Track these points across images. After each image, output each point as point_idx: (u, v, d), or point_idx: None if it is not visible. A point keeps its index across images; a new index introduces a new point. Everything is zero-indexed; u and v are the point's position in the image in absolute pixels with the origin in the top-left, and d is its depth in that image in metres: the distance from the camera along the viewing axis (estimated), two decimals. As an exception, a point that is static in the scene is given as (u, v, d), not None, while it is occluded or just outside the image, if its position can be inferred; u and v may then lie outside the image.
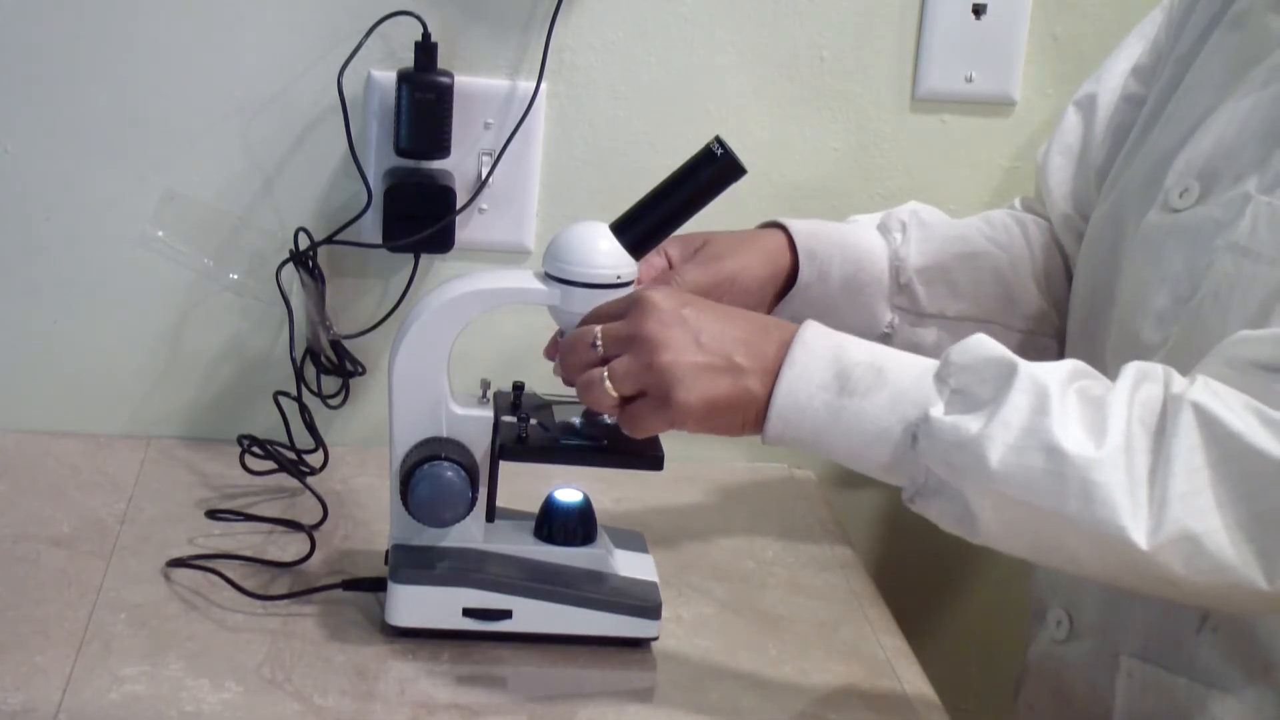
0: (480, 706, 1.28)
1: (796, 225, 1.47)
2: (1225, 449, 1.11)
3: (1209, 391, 1.14)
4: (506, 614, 1.35)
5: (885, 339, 1.48)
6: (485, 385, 1.38)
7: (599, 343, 1.23)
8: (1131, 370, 1.17)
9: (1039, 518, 1.14)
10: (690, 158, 1.32)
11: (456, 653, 1.34)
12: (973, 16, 1.70)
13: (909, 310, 1.49)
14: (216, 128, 1.63)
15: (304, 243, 1.62)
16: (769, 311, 1.46)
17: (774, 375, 1.20)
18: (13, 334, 1.65)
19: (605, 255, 1.31)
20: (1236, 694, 1.26)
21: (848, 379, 1.19)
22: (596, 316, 1.26)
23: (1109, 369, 1.31)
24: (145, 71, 1.61)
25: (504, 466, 1.36)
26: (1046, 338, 1.51)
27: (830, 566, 1.57)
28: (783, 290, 1.46)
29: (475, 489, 1.33)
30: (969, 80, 1.72)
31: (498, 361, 1.64)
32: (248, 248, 1.65)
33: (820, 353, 1.20)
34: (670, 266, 1.42)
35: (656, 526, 1.57)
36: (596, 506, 1.41)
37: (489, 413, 1.36)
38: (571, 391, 1.29)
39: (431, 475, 1.32)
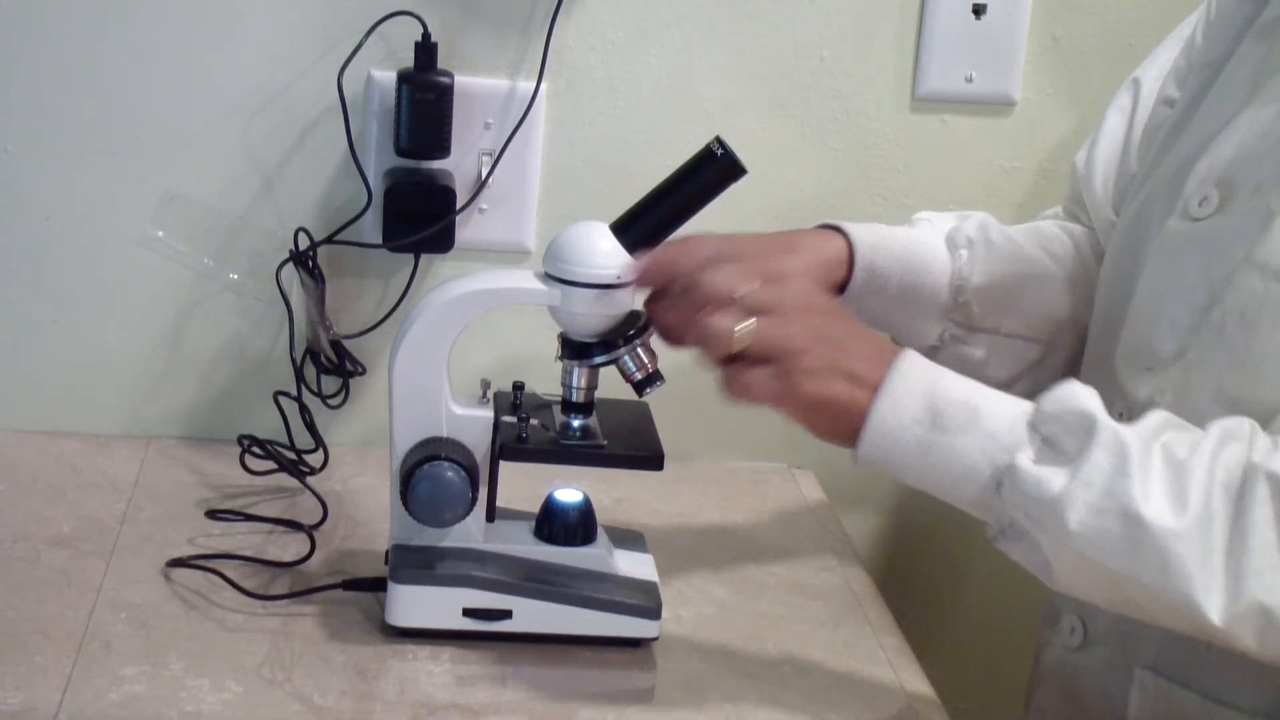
0: (480, 706, 1.28)
1: (860, 235, 1.44)
2: None
3: None
4: (506, 614, 1.35)
5: (933, 351, 1.47)
6: (485, 385, 1.38)
7: (740, 294, 1.22)
8: (1217, 429, 1.16)
9: (1114, 579, 1.15)
10: (690, 158, 1.32)
11: (456, 653, 1.34)
12: (973, 16, 1.70)
13: (961, 325, 1.47)
14: (216, 128, 1.63)
15: (304, 243, 1.62)
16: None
17: (876, 390, 1.21)
18: (13, 334, 1.65)
19: (605, 255, 1.31)
20: (1249, 712, 1.25)
21: (941, 415, 1.19)
22: (737, 255, 1.25)
23: (1118, 376, 1.31)
24: (145, 71, 1.61)
25: (504, 466, 1.36)
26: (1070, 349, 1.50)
27: (830, 566, 1.57)
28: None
29: (475, 489, 1.33)
30: (969, 80, 1.72)
31: (498, 361, 1.64)
32: (248, 248, 1.65)
33: (916, 385, 1.20)
34: None
35: (656, 526, 1.57)
36: (596, 506, 1.41)
37: (489, 413, 1.36)
38: (564, 392, 1.30)
39: (431, 475, 1.32)
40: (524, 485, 1.43)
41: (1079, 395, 1.19)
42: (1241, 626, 1.12)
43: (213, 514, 1.52)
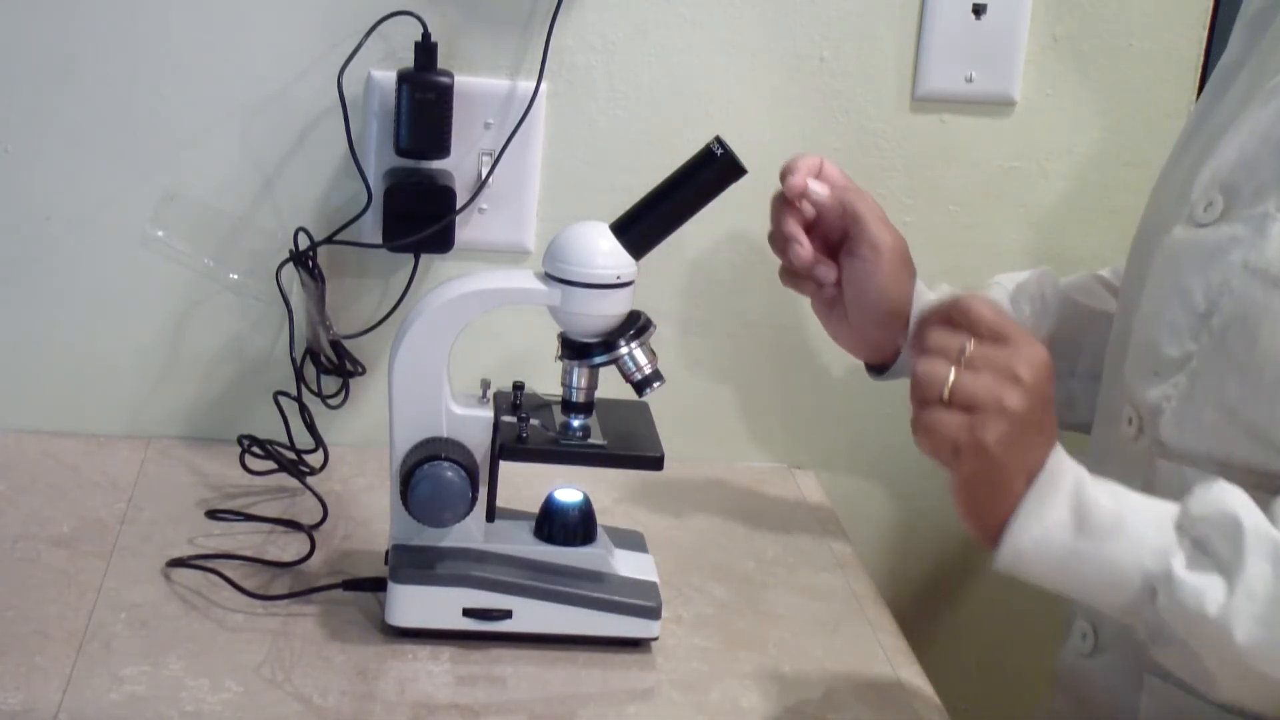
0: (480, 706, 1.28)
1: (929, 299, 1.45)
2: None
3: None
4: (506, 614, 1.35)
5: None
6: (485, 385, 1.38)
7: (968, 350, 1.18)
8: None
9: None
10: (690, 158, 1.32)
11: (456, 653, 1.34)
12: (973, 16, 1.70)
13: None
14: (216, 128, 1.63)
15: (304, 243, 1.62)
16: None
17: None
18: (13, 334, 1.65)
19: (605, 256, 1.31)
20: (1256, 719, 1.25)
21: (1086, 521, 1.17)
22: (979, 324, 1.19)
23: (1128, 382, 1.30)
24: (145, 71, 1.61)
25: (504, 466, 1.36)
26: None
27: (830, 566, 1.57)
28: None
29: (475, 489, 1.33)
30: (969, 80, 1.72)
31: (498, 361, 1.64)
32: (248, 248, 1.65)
33: (1063, 490, 1.17)
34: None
35: (656, 526, 1.57)
36: (596, 506, 1.41)
37: (489, 413, 1.36)
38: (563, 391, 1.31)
39: (431, 475, 1.32)
40: (524, 485, 1.43)
41: (1227, 497, 1.17)
42: None
43: (213, 514, 1.52)
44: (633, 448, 1.38)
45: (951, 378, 1.16)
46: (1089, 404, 1.48)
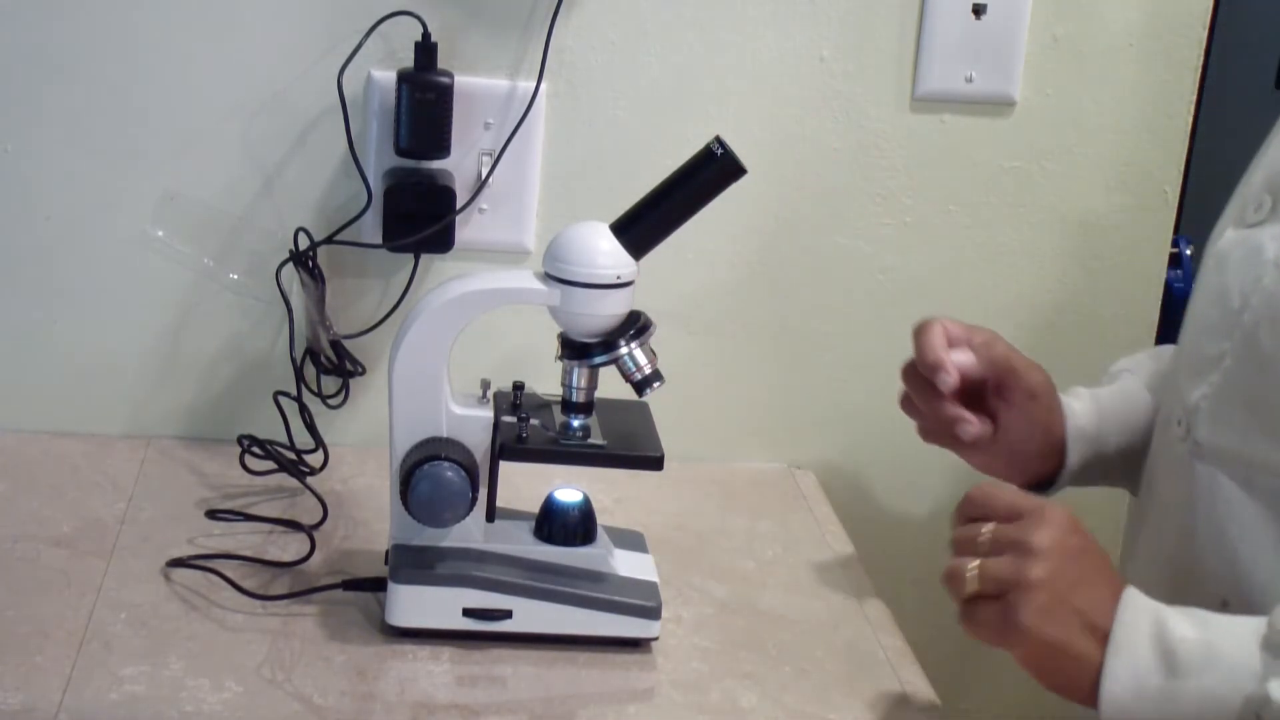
0: (480, 706, 1.28)
1: (1080, 423, 1.43)
2: None
3: None
4: (506, 614, 1.35)
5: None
6: (485, 385, 1.38)
7: (985, 536, 1.20)
8: None
9: None
10: (690, 158, 1.32)
11: (456, 653, 1.34)
12: (973, 16, 1.70)
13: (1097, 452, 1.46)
14: (216, 128, 1.63)
15: (304, 243, 1.62)
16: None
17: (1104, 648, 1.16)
18: (13, 334, 1.65)
19: (605, 255, 1.31)
20: None
21: (1174, 658, 1.15)
22: (994, 509, 1.21)
23: (1180, 383, 1.29)
24: (145, 71, 1.61)
25: (504, 466, 1.36)
26: None
27: (830, 566, 1.57)
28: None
29: (475, 489, 1.33)
30: (969, 80, 1.72)
31: (498, 361, 1.64)
32: (248, 248, 1.65)
33: (1143, 633, 1.16)
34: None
35: (656, 526, 1.57)
36: (596, 506, 1.41)
37: (489, 413, 1.36)
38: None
39: (431, 475, 1.32)
40: (524, 485, 1.43)
41: None
42: None
43: (213, 514, 1.52)
44: (633, 448, 1.38)
45: (973, 567, 1.17)
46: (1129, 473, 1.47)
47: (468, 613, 1.35)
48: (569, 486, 1.40)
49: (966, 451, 1.44)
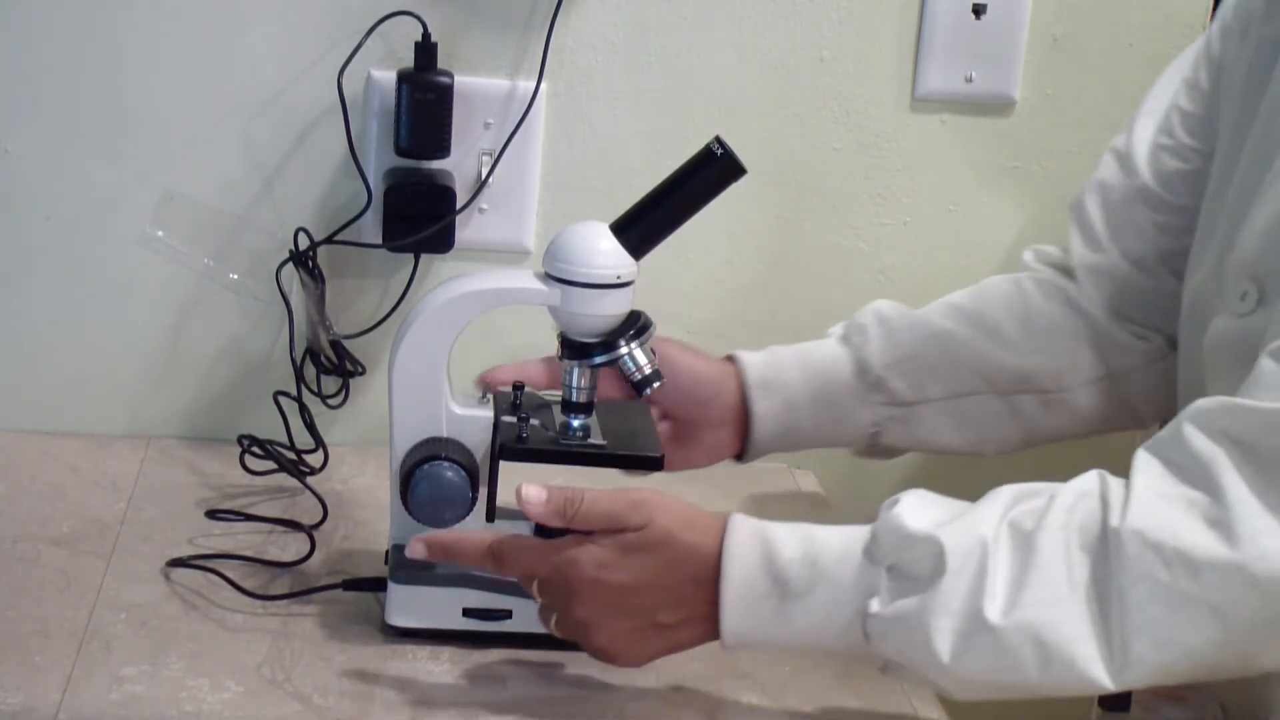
0: (480, 706, 1.28)
1: (749, 360, 1.47)
2: (1177, 572, 1.09)
3: (1146, 512, 1.10)
4: (506, 614, 1.35)
5: (875, 436, 1.50)
6: (485, 385, 1.38)
7: (537, 595, 1.27)
8: (1068, 494, 1.15)
9: (1006, 688, 1.15)
10: (690, 158, 1.32)
11: (456, 653, 1.34)
12: (973, 16, 1.70)
13: (891, 404, 1.49)
14: (216, 128, 1.63)
15: (304, 243, 1.62)
16: (745, 435, 1.49)
17: (712, 606, 1.22)
18: (13, 334, 1.65)
19: (605, 255, 1.31)
20: None
21: (785, 582, 1.20)
22: (526, 570, 1.27)
23: None
24: (145, 71, 1.61)
25: (504, 466, 1.36)
26: (1049, 391, 1.49)
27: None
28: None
29: (475, 489, 1.33)
30: (969, 80, 1.72)
31: (498, 361, 1.64)
32: (248, 248, 1.65)
33: (752, 561, 1.22)
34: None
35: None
36: (596, 506, 1.41)
37: (489, 413, 1.36)
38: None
39: (431, 475, 1.32)
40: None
41: (911, 515, 1.18)
42: (1141, 680, 1.11)
43: (213, 514, 1.52)
44: (633, 448, 1.38)
45: (554, 626, 1.26)
46: (962, 427, 1.49)
47: (468, 613, 1.34)
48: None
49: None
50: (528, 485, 1.26)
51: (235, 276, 1.66)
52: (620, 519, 1.25)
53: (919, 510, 1.19)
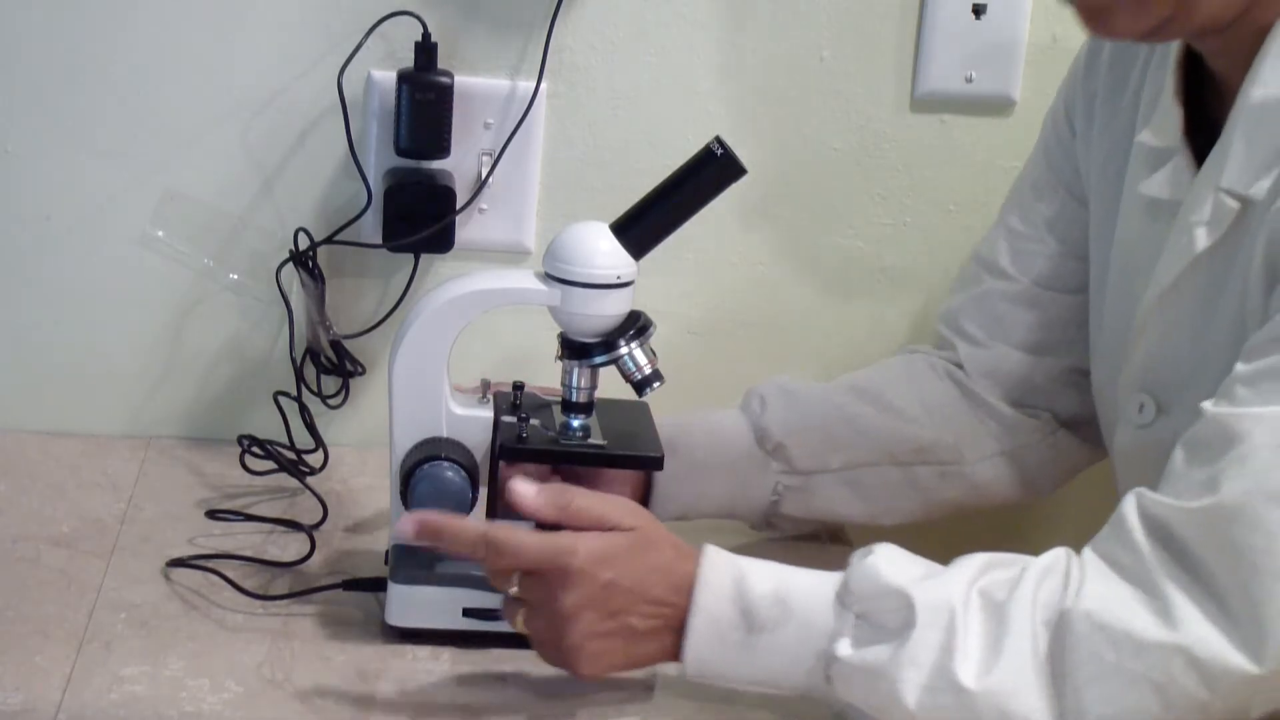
0: (480, 706, 1.28)
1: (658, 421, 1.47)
2: (1123, 651, 1.12)
3: (1096, 595, 1.13)
4: (507, 614, 1.35)
5: (775, 505, 1.51)
6: (485, 385, 1.38)
7: (515, 591, 1.26)
8: (1036, 566, 1.17)
9: None
10: (690, 158, 1.32)
11: (456, 653, 1.34)
12: (973, 16, 1.70)
13: (790, 472, 1.51)
14: (216, 128, 1.63)
15: (304, 243, 1.62)
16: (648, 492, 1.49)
17: (682, 621, 1.23)
18: (13, 334, 1.65)
19: (605, 256, 1.31)
20: None
21: (754, 615, 1.22)
22: (519, 559, 1.25)
23: None
24: (145, 71, 1.61)
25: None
26: (946, 464, 1.52)
27: (830, 566, 1.56)
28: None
29: (475, 489, 1.33)
30: (969, 80, 1.72)
31: (498, 361, 1.64)
32: (248, 248, 1.65)
33: (723, 592, 1.23)
34: None
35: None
36: (596, 506, 1.41)
37: (489, 413, 1.36)
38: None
39: (431, 475, 1.32)
40: (524, 485, 1.43)
41: (885, 566, 1.20)
42: None
43: (213, 514, 1.52)
44: (633, 448, 1.38)
45: (518, 620, 1.26)
46: (862, 496, 1.52)
47: (468, 613, 1.34)
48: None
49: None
50: (516, 480, 1.26)
51: (235, 276, 1.66)
52: (612, 518, 1.25)
53: (893, 563, 1.21)
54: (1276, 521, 1.10)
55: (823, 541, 1.59)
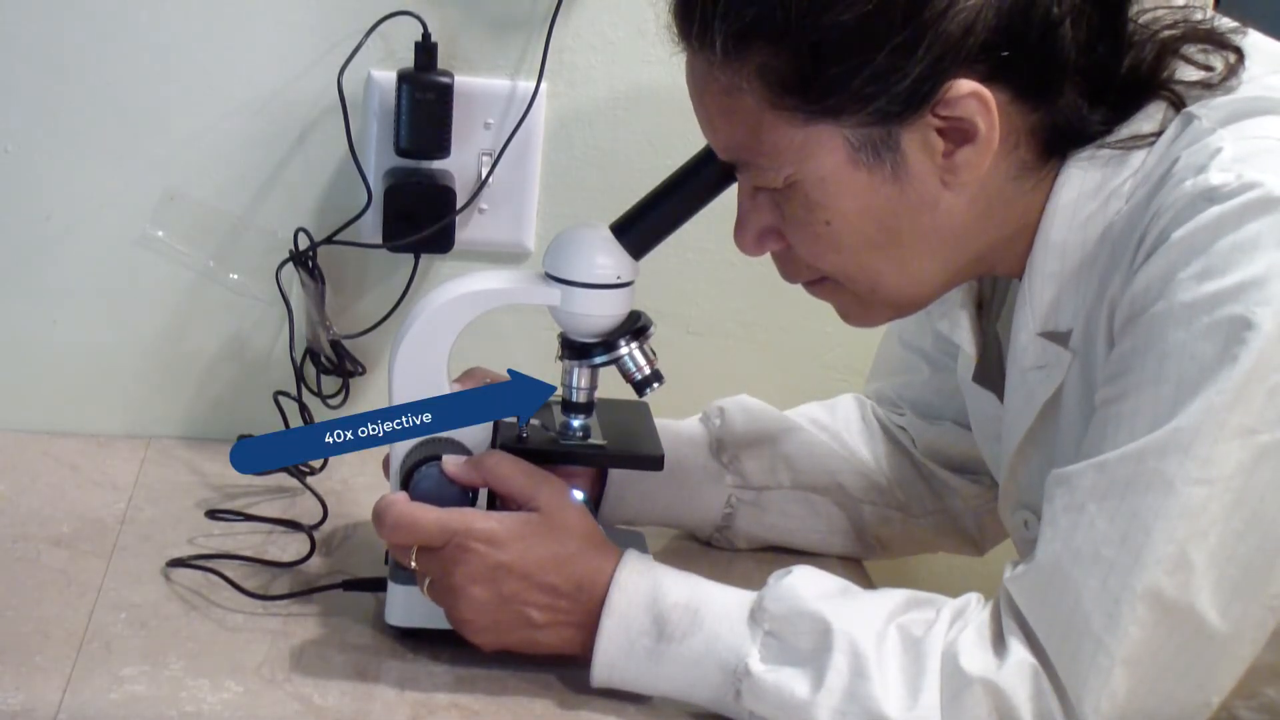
0: (480, 706, 1.28)
1: None
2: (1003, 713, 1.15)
3: (981, 660, 1.16)
4: (506, 614, 1.35)
5: (729, 518, 1.52)
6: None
7: (414, 565, 1.27)
8: (949, 608, 1.20)
9: None
10: (690, 158, 1.32)
11: (456, 653, 1.34)
12: (973, 16, 1.70)
13: (744, 486, 1.51)
14: (216, 128, 1.63)
15: (304, 243, 1.62)
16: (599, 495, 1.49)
17: (591, 621, 1.24)
18: (13, 334, 1.65)
19: (605, 256, 1.31)
20: None
21: (665, 623, 1.23)
22: (417, 534, 1.26)
23: None
24: (145, 71, 1.61)
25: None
26: (890, 508, 1.53)
27: (830, 566, 1.56)
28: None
29: (475, 489, 1.33)
30: (969, 80, 1.71)
31: (498, 361, 1.64)
32: (248, 248, 1.65)
33: (637, 598, 1.24)
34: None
35: (656, 527, 1.57)
36: (596, 506, 1.41)
37: (489, 413, 1.36)
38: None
39: (431, 475, 1.32)
40: (524, 485, 1.43)
41: (803, 589, 1.21)
42: None
43: (213, 514, 1.52)
44: (633, 448, 1.38)
45: (423, 587, 1.27)
46: (814, 516, 1.52)
47: (468, 613, 1.34)
48: (569, 486, 1.40)
49: None
50: (448, 456, 1.28)
51: (235, 276, 1.66)
52: (531, 492, 1.27)
53: (811, 584, 1.22)
54: (1080, 580, 1.12)
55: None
